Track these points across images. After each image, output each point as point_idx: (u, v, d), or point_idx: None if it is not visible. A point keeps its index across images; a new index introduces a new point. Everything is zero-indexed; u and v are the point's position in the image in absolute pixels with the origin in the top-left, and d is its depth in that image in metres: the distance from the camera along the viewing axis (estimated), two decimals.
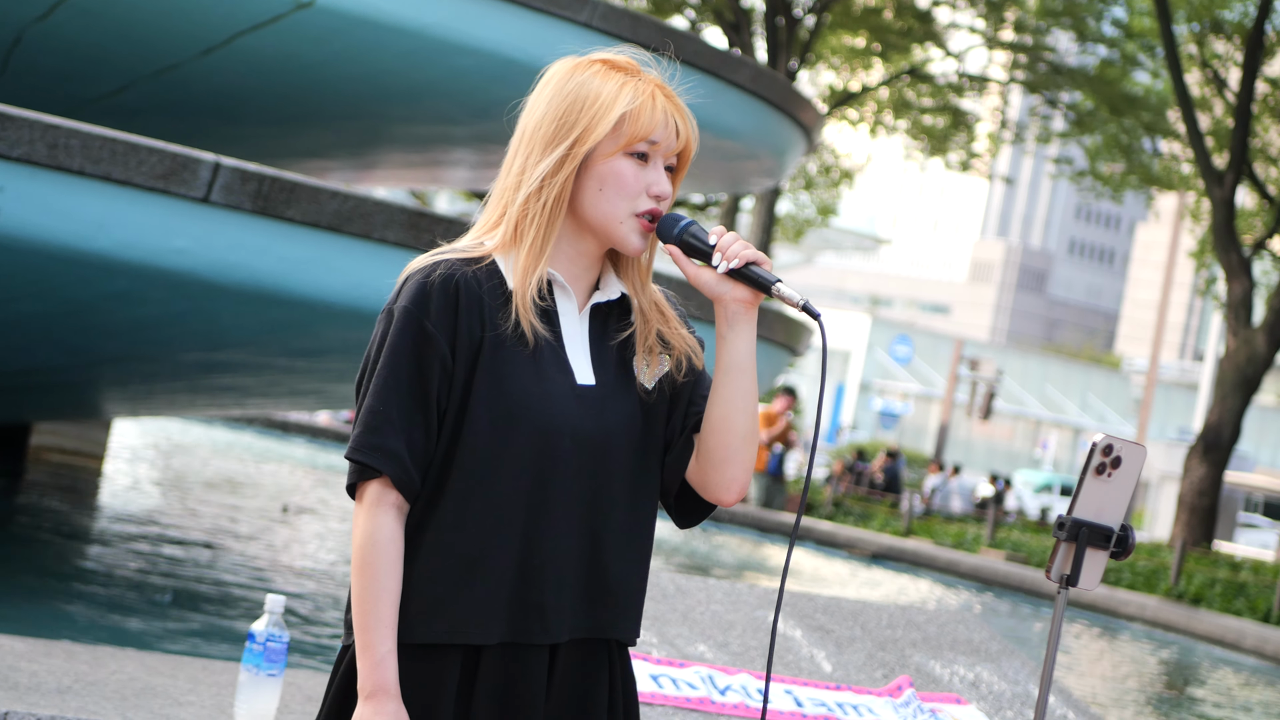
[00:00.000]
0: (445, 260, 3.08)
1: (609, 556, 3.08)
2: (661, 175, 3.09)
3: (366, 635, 2.98)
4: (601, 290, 3.15)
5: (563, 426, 3.01)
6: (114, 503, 18.18)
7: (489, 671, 3.00)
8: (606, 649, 3.11)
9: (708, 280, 3.04)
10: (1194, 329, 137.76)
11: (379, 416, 3.00)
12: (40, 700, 4.70)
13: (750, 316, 3.05)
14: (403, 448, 2.99)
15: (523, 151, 3.10)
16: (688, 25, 40.92)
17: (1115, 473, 3.92)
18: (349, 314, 10.93)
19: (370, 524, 3.00)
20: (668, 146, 3.09)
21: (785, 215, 49.80)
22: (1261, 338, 31.12)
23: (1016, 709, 6.34)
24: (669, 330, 3.17)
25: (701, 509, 3.21)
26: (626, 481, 3.09)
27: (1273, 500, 53.56)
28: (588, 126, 3.04)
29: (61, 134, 9.85)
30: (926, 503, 38.11)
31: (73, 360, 13.17)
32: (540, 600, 3.01)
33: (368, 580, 2.99)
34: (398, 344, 3.02)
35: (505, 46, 13.82)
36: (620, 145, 3.05)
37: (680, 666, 6.05)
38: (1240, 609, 24.77)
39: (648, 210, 3.07)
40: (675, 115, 3.10)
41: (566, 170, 3.04)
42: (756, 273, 3.01)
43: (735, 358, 3.05)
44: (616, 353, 3.13)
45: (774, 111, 16.56)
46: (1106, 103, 39.67)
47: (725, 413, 3.06)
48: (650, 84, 3.11)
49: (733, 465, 3.09)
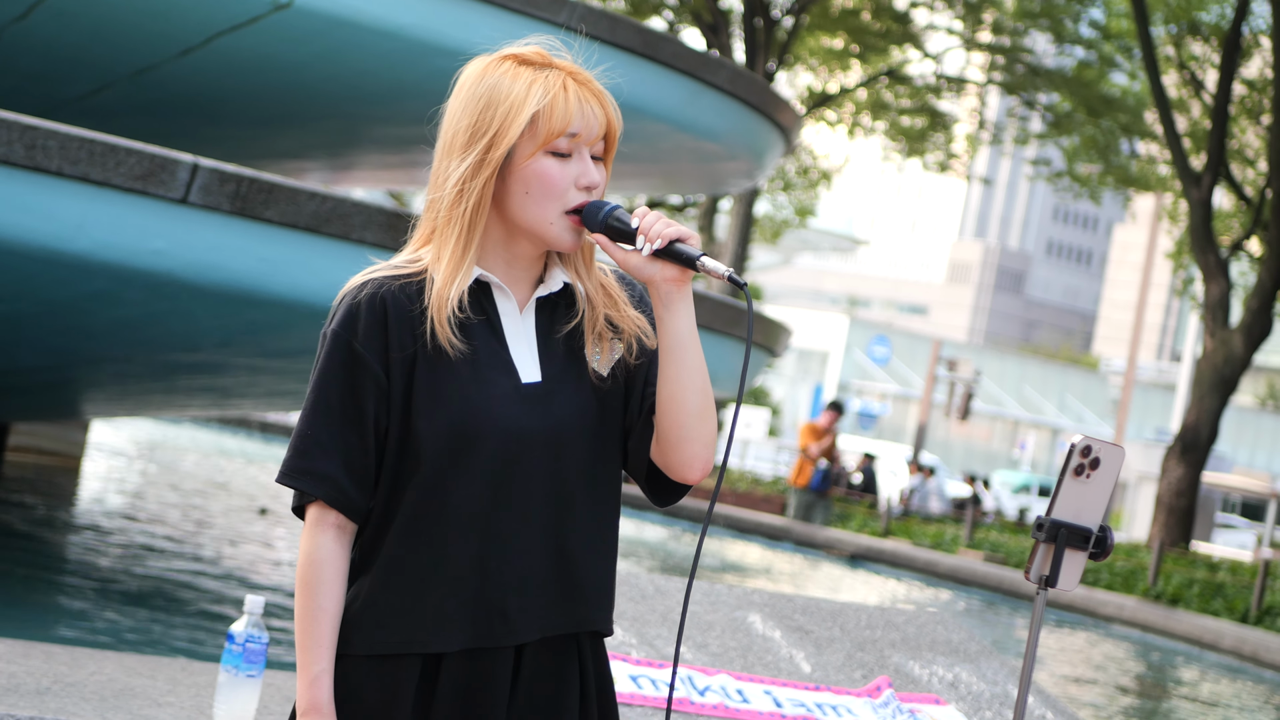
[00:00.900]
0: (374, 279, 3.05)
1: (575, 550, 3.05)
2: (588, 165, 3.04)
3: (303, 654, 2.98)
4: (545, 284, 3.11)
5: (509, 428, 2.99)
6: (92, 503, 18.15)
7: (449, 677, 2.99)
8: (576, 642, 3.10)
9: (636, 263, 3.00)
10: (1171, 330, 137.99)
11: (307, 440, 3.01)
12: (19, 701, 4.69)
13: (684, 294, 3.01)
14: (335, 468, 2.99)
15: (443, 164, 3.06)
16: (666, 26, 40.92)
17: (1094, 474, 3.93)
18: (327, 315, 10.92)
19: (309, 545, 3.01)
20: (589, 135, 3.04)
21: (763, 216, 49.85)
22: (1239, 338, 31.18)
23: (995, 709, 6.35)
24: (617, 314, 3.14)
25: (676, 489, 3.17)
26: (585, 473, 3.07)
27: (1250, 501, 53.71)
28: (499, 130, 3.00)
29: (40, 135, 9.83)
30: (905, 503, 38.12)
31: (51, 361, 13.15)
32: (502, 603, 2.99)
33: (305, 600, 2.99)
34: (326, 367, 3.02)
35: (483, 48, 13.77)
36: (538, 144, 3.01)
37: (659, 667, 6.06)
38: (1218, 609, 24.81)
39: (577, 205, 3.03)
40: (591, 101, 3.05)
41: (483, 175, 3.00)
42: (680, 249, 2.97)
43: (676, 337, 3.02)
44: (565, 344, 3.09)
45: (752, 113, 16.56)
46: (1084, 104, 39.76)
47: (673, 392, 3.03)
48: (560, 75, 3.07)
49: (690, 443, 3.05)
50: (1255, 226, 33.43)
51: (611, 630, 3.15)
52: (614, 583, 3.15)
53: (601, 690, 3.16)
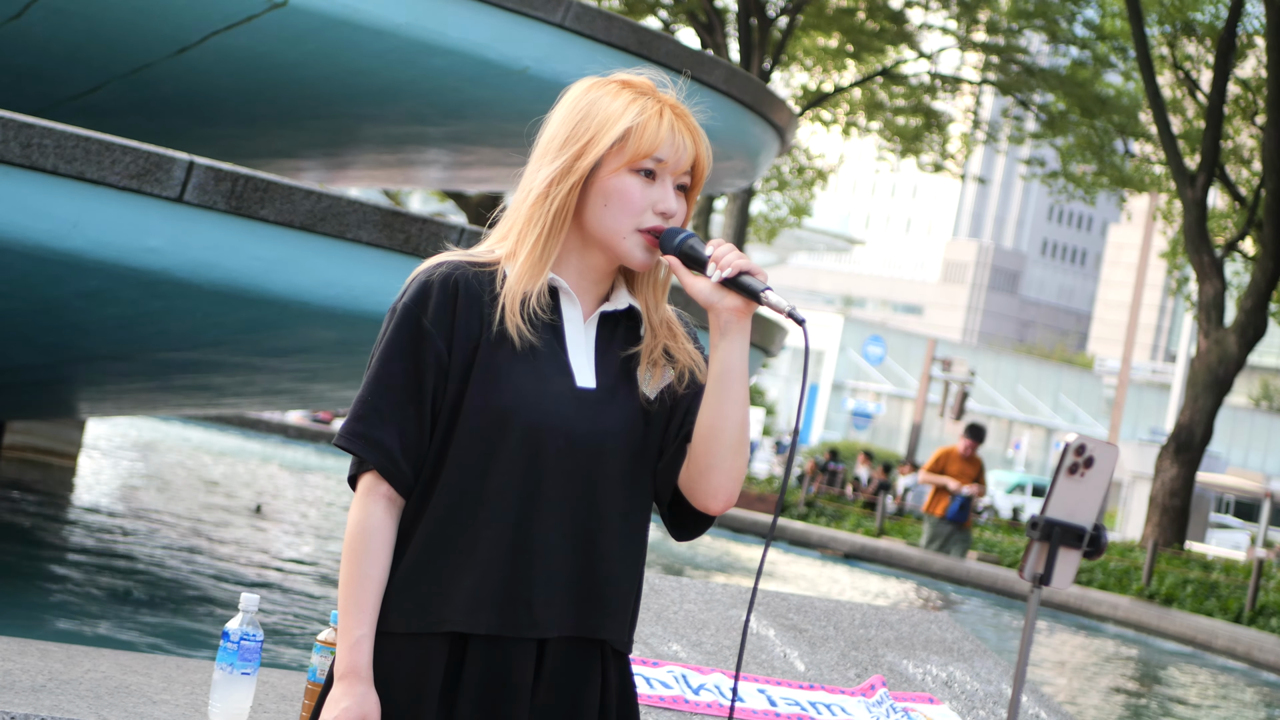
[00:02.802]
0: (450, 261, 3.13)
1: (601, 558, 3.11)
2: (668, 193, 3.13)
3: (346, 619, 3.06)
4: (610, 301, 3.20)
5: (557, 425, 3.06)
6: (87, 501, 18.15)
7: (475, 661, 3.04)
8: (599, 652, 3.15)
9: (702, 288, 3.07)
10: (1166, 330, 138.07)
11: (367, 407, 3.08)
12: (14, 699, 4.70)
13: (743, 326, 3.08)
14: (391, 440, 3.06)
15: (535, 166, 3.16)
16: (661, 26, 40.91)
17: (1088, 473, 3.95)
18: (322, 313, 10.93)
19: (359, 513, 3.08)
20: (676, 165, 3.13)
21: (758, 215, 49.84)
22: (1233, 338, 31.20)
23: (989, 708, 6.36)
24: (675, 345, 3.22)
25: (696, 521, 3.23)
26: (622, 485, 3.13)
27: (1244, 501, 53.75)
28: (591, 139, 3.09)
29: (35, 133, 9.83)
30: (899, 503, 38.14)
31: (46, 359, 13.14)
32: (528, 595, 3.05)
33: (351, 566, 3.07)
34: (394, 340, 3.09)
35: (479, 47, 13.82)
36: (625, 161, 3.10)
37: (654, 666, 6.06)
38: (1212, 609, 24.84)
39: (652, 227, 3.12)
40: (684, 134, 3.15)
41: (570, 181, 3.09)
42: (746, 281, 3.05)
43: (727, 366, 3.09)
44: (620, 361, 3.17)
45: (747, 112, 16.56)
46: (1078, 104, 39.78)
47: (713, 421, 3.09)
48: (661, 103, 3.16)
49: (719, 474, 3.11)
50: (1249, 226, 33.47)
51: (628, 647, 3.21)
52: (637, 601, 3.22)
53: (623, 705, 3.22)
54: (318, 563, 16.37)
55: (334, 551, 17.37)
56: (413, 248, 10.80)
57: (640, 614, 6.47)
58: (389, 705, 3.05)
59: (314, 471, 31.17)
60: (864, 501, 37.29)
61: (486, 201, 35.72)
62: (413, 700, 3.04)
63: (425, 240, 10.85)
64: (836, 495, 38.85)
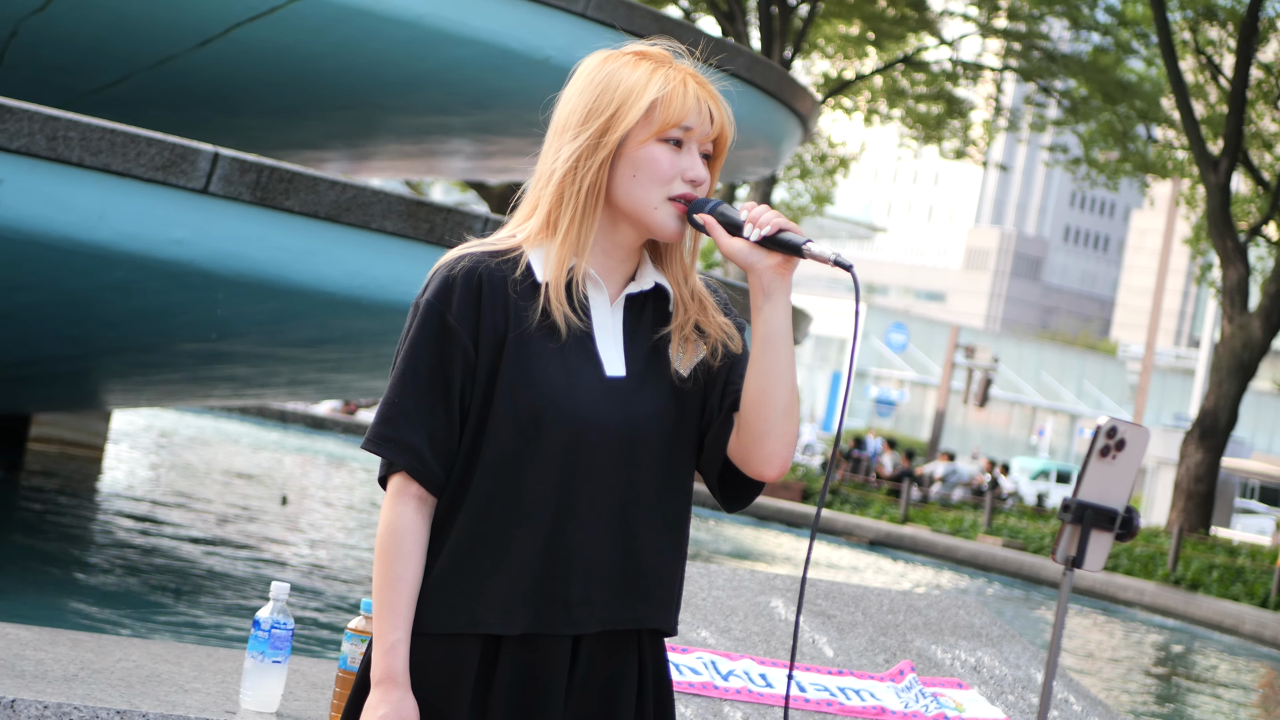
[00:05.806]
0: (471, 254, 3.07)
1: (643, 547, 3.07)
2: (696, 160, 3.09)
3: (380, 623, 3.02)
4: (636, 282, 3.14)
5: (589, 419, 3.01)
6: (114, 493, 18.20)
7: (509, 661, 3.01)
8: (636, 638, 3.11)
9: (740, 248, 3.03)
10: (1189, 315, 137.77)
11: (394, 408, 3.03)
12: (47, 688, 4.72)
13: (785, 284, 3.03)
14: (420, 440, 3.01)
15: (554, 143, 3.10)
16: (682, 15, 40.87)
17: (1119, 455, 3.95)
18: (347, 303, 10.95)
19: (390, 515, 3.03)
20: (702, 133, 3.10)
21: (780, 203, 49.79)
22: (1257, 323, 31.14)
23: (1018, 693, 6.36)
24: (705, 319, 3.16)
25: (747, 489, 3.18)
26: (659, 472, 3.08)
27: (1269, 485, 53.59)
28: (617, 112, 3.04)
29: (61, 125, 9.86)
30: (924, 490, 38.10)
31: (72, 351, 13.19)
32: (566, 592, 3.01)
33: (384, 570, 3.02)
34: (418, 338, 3.03)
35: (502, 36, 13.83)
36: (653, 131, 3.05)
37: (683, 652, 6.07)
38: (1238, 594, 24.82)
39: (681, 195, 3.08)
40: (709, 102, 3.11)
41: (599, 157, 3.04)
42: (786, 237, 3.01)
43: (772, 327, 3.04)
44: (650, 342, 3.12)
45: (770, 100, 16.56)
46: (1100, 90, 39.66)
47: (764, 385, 3.04)
48: (682, 72, 3.12)
49: (773, 439, 3.06)
50: (1273, 211, 33.38)
51: (674, 629, 3.16)
52: (681, 583, 3.16)
53: (659, 687, 3.17)
54: (347, 551, 16.42)
55: (362, 540, 17.41)
56: (437, 237, 10.81)
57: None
58: (422, 705, 3.01)
59: (339, 461, 31.22)
60: (888, 489, 37.23)
61: (508, 191, 35.72)
62: (445, 699, 3.01)
63: (449, 230, 10.87)
64: (861, 482, 38.80)
